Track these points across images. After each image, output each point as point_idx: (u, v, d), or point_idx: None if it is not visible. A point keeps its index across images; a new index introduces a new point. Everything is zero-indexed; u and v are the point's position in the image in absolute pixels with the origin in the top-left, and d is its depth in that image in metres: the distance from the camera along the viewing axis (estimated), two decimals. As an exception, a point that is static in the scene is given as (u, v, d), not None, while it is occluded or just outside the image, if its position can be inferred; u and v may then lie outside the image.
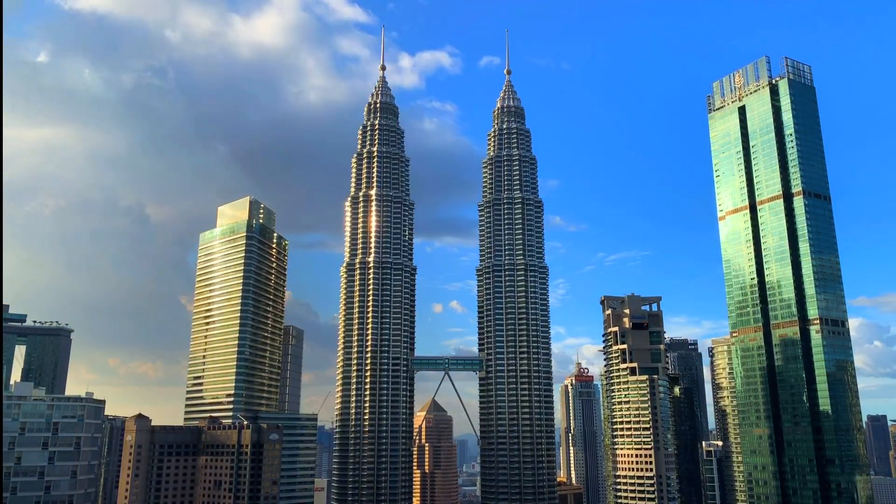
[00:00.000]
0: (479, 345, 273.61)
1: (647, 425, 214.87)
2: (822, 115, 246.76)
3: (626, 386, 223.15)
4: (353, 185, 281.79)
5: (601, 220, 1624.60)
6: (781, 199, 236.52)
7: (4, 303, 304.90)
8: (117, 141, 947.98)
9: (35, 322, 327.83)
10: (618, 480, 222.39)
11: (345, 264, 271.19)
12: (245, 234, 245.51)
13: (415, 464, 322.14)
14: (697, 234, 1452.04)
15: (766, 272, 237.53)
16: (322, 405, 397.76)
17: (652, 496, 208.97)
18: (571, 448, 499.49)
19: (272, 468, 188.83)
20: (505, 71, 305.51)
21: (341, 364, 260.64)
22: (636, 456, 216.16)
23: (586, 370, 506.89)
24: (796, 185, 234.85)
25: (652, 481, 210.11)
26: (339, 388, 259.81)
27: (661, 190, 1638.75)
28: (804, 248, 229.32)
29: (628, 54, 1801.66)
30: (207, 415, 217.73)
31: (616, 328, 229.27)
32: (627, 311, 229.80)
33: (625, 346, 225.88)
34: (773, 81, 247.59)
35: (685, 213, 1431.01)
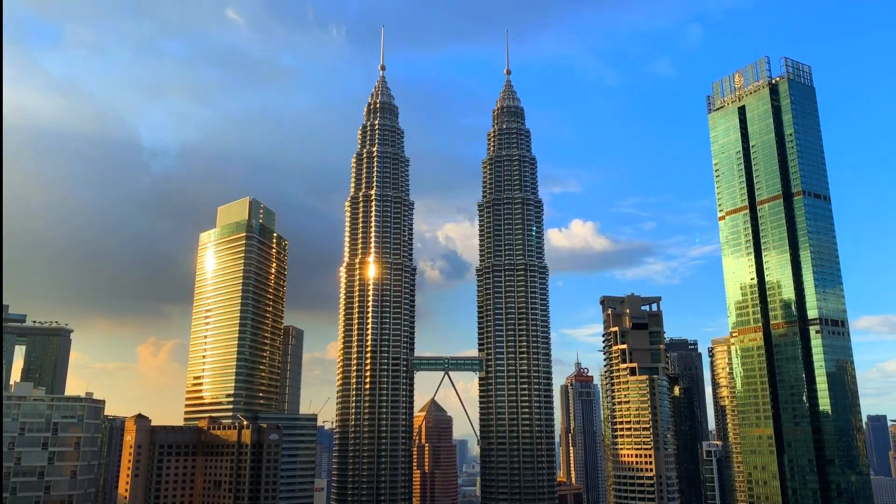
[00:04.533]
0: (479, 345, 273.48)
1: (647, 425, 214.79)
2: (822, 115, 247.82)
3: (626, 386, 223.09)
4: (353, 185, 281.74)
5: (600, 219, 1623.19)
6: (781, 199, 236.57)
7: (4, 303, 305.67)
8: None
9: (35, 322, 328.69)
10: (618, 480, 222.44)
11: (345, 264, 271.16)
12: (245, 234, 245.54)
13: (414, 464, 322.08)
14: (697, 233, 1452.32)
15: (766, 272, 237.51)
16: (322, 408, 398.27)
17: (652, 496, 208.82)
18: (571, 448, 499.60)
19: (272, 468, 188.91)
20: (505, 71, 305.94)
21: (341, 364, 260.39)
22: (636, 456, 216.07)
23: (586, 370, 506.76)
24: (796, 185, 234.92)
25: (652, 481, 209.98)
26: (339, 388, 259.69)
27: (660, 189, 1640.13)
28: (804, 248, 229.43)
29: (628, 54, 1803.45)
30: (207, 415, 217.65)
31: (616, 328, 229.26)
32: (627, 311, 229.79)
33: (625, 346, 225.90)
34: (773, 81, 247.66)
35: (685, 212, 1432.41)
